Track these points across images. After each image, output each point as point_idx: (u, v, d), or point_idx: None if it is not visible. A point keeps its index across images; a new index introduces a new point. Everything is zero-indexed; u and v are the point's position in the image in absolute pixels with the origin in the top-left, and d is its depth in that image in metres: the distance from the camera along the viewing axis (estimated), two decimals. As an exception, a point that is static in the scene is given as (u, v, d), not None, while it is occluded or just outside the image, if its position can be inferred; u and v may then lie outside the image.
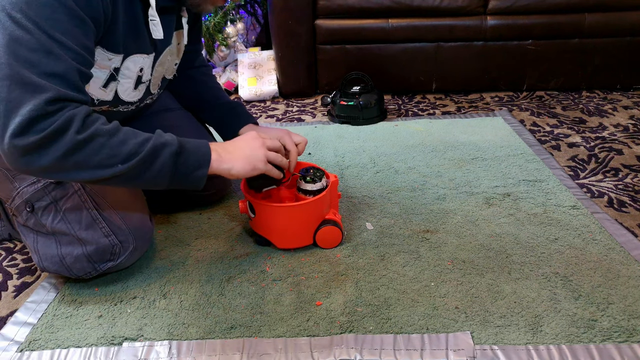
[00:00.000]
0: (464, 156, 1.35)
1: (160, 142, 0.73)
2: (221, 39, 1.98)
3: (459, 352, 0.72)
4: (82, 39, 0.67)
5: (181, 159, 0.75)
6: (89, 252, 0.83)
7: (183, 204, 1.14)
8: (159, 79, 0.96)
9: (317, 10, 1.79)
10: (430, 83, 1.89)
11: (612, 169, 1.27)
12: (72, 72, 0.66)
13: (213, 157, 0.78)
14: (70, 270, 0.84)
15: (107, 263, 0.85)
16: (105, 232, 0.83)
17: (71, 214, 0.83)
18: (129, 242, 0.85)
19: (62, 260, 0.83)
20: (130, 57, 0.82)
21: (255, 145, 0.83)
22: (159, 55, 0.90)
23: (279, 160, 0.87)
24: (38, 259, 0.85)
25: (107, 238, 0.83)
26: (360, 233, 1.02)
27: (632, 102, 1.74)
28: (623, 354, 0.71)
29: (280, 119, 1.74)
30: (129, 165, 0.69)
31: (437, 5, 1.74)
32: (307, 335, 0.77)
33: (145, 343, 0.77)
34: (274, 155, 0.86)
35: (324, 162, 1.36)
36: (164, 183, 0.75)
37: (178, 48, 0.96)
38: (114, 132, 0.69)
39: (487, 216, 1.06)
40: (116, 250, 0.84)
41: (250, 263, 0.94)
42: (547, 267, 0.89)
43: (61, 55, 0.64)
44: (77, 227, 0.83)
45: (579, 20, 1.73)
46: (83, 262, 0.83)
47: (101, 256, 0.84)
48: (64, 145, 0.65)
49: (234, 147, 0.82)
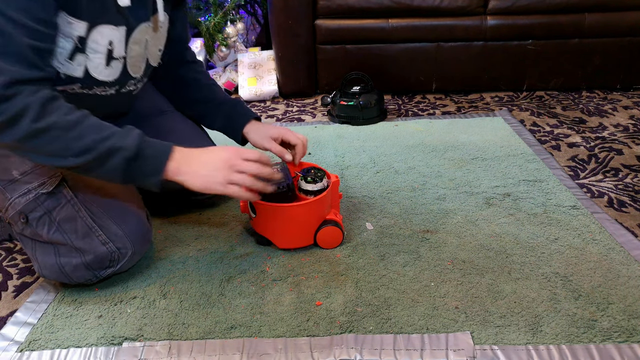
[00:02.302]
0: (464, 156, 1.35)
1: (117, 146, 0.73)
2: (221, 39, 1.98)
3: (459, 352, 0.72)
4: (38, 13, 0.66)
5: (135, 164, 0.75)
6: (88, 260, 0.82)
7: (183, 205, 1.14)
8: (139, 61, 0.89)
9: (317, 10, 1.79)
10: (430, 83, 1.89)
11: (612, 169, 1.27)
12: (26, 50, 0.66)
13: (171, 166, 0.77)
14: (70, 278, 0.84)
15: (107, 270, 0.85)
16: (103, 240, 0.83)
17: (66, 224, 0.82)
18: (127, 247, 0.84)
19: (62, 269, 0.83)
20: (96, 27, 0.77)
21: (219, 165, 0.79)
22: (132, 30, 0.83)
23: (258, 171, 0.81)
24: (38, 267, 0.85)
25: (105, 246, 0.83)
26: (360, 233, 1.02)
27: (632, 102, 1.74)
28: (623, 354, 0.71)
29: (280, 119, 1.74)
30: (81, 160, 0.71)
31: (437, 5, 1.74)
32: (307, 335, 0.77)
33: (145, 343, 0.77)
34: (240, 177, 0.79)
35: (324, 162, 1.36)
36: (116, 181, 0.76)
37: (158, 32, 0.90)
38: (74, 124, 0.70)
39: (487, 216, 1.06)
40: (115, 257, 0.84)
41: (250, 263, 0.94)
42: (547, 267, 0.89)
43: (13, 34, 0.64)
44: (73, 237, 0.82)
45: (579, 20, 1.73)
46: (82, 271, 0.83)
47: (100, 264, 0.83)
48: (20, 132, 0.67)
49: (198, 162, 0.79)
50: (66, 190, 0.83)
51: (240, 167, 0.80)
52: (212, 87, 1.11)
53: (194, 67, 1.11)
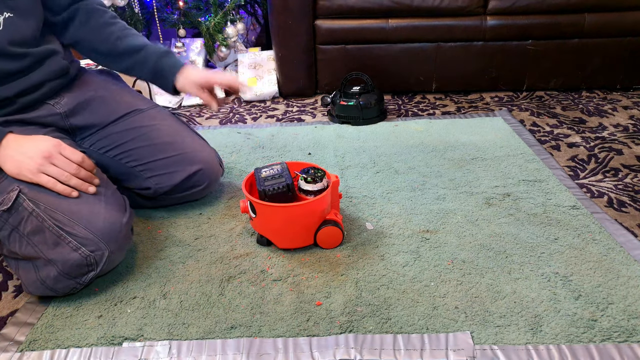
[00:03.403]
0: (464, 156, 1.35)
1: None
2: (221, 39, 1.98)
3: (459, 352, 0.72)
4: None
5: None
6: (65, 270, 0.80)
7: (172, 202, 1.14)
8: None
9: (317, 10, 1.79)
10: (430, 83, 1.89)
11: (612, 169, 1.27)
12: None
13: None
14: (55, 290, 0.83)
15: (88, 275, 0.83)
16: (74, 247, 0.80)
17: (34, 236, 0.81)
18: (102, 248, 0.82)
19: (43, 283, 0.82)
20: None
21: (35, 154, 0.82)
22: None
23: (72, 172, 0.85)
24: (23, 284, 0.85)
25: (77, 252, 0.80)
26: (360, 233, 1.02)
27: (632, 102, 1.74)
28: (623, 354, 0.71)
29: (280, 119, 1.74)
30: None
31: (437, 5, 1.74)
32: (307, 335, 0.77)
33: (145, 343, 0.77)
34: (54, 170, 0.83)
35: (324, 162, 1.36)
36: None
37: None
38: None
39: (487, 216, 1.06)
40: (91, 260, 0.81)
41: (250, 263, 0.94)
42: (547, 267, 0.89)
43: None
44: (45, 249, 0.80)
45: (578, 20, 1.73)
46: (64, 281, 0.82)
47: (78, 270, 0.81)
48: None
49: (16, 147, 0.82)
50: (26, 203, 0.81)
51: (56, 162, 0.83)
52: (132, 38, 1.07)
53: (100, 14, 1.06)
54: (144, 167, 1.05)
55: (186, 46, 2.07)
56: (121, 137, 1.04)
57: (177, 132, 1.10)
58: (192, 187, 1.09)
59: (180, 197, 1.11)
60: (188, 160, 1.07)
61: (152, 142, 1.05)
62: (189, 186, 1.08)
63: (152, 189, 1.06)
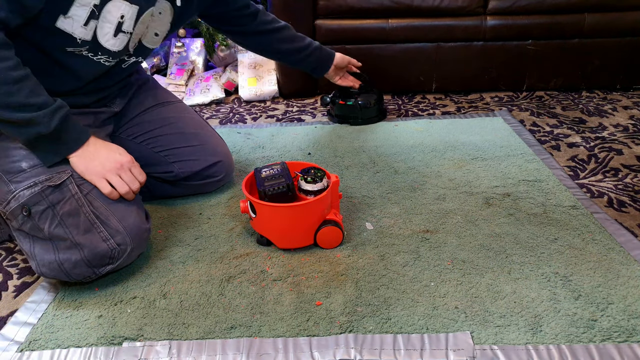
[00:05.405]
0: (463, 156, 1.35)
1: (37, 121, 0.78)
2: (221, 39, 1.98)
3: (459, 352, 0.72)
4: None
5: (44, 142, 0.82)
6: (88, 257, 0.82)
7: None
8: (137, 40, 0.96)
9: (317, 10, 1.79)
10: (430, 83, 1.89)
11: (612, 169, 1.27)
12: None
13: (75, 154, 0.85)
14: (69, 275, 0.84)
15: (106, 267, 0.85)
16: (104, 237, 0.83)
17: (69, 218, 0.83)
18: (127, 243, 0.85)
19: (61, 265, 0.83)
20: (112, 0, 0.84)
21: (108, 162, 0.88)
22: (143, 12, 0.90)
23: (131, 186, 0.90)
24: (36, 264, 0.84)
25: (106, 243, 0.83)
26: (360, 233, 1.02)
27: (632, 102, 1.74)
28: (623, 354, 0.71)
29: (280, 119, 1.74)
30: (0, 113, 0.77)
31: (437, 5, 1.74)
32: (307, 335, 0.77)
33: (145, 343, 0.77)
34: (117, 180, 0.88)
35: (324, 162, 1.36)
36: (21, 141, 0.83)
37: (160, 18, 0.96)
38: (14, 80, 0.76)
39: (487, 216, 1.06)
40: (115, 253, 0.84)
41: (250, 263, 0.95)
42: (547, 267, 0.89)
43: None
44: (75, 232, 0.82)
45: (579, 21, 1.73)
46: (82, 268, 0.83)
47: (100, 261, 0.84)
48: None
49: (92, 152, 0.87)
50: (72, 185, 0.84)
51: (122, 175, 0.89)
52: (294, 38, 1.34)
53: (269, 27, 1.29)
54: (169, 153, 1.12)
55: (186, 46, 2.07)
56: (151, 125, 1.12)
57: (201, 125, 1.19)
58: (210, 177, 1.16)
59: (197, 186, 1.17)
60: (210, 151, 1.15)
61: (179, 131, 1.13)
62: (207, 175, 1.16)
63: (175, 172, 1.12)
